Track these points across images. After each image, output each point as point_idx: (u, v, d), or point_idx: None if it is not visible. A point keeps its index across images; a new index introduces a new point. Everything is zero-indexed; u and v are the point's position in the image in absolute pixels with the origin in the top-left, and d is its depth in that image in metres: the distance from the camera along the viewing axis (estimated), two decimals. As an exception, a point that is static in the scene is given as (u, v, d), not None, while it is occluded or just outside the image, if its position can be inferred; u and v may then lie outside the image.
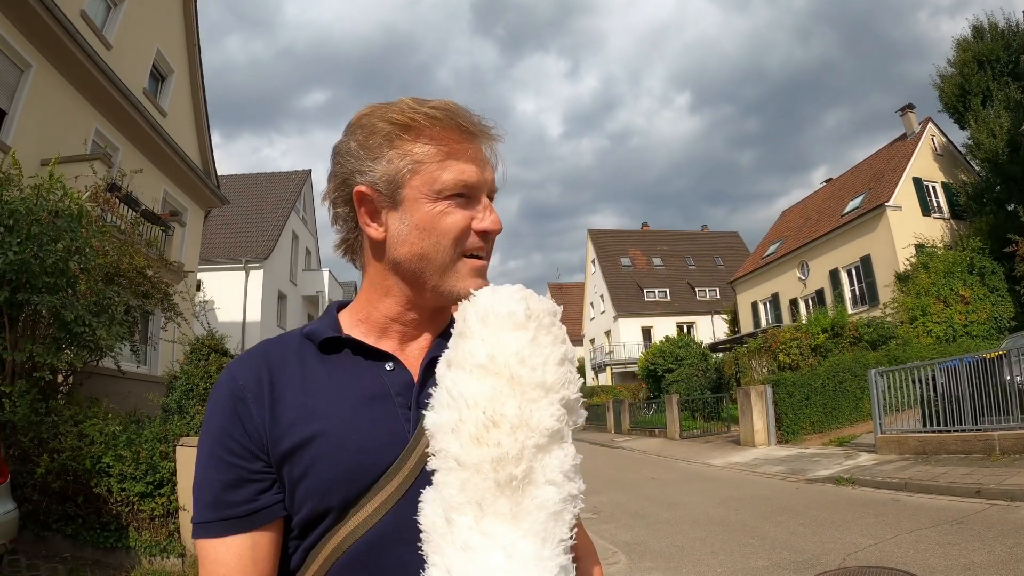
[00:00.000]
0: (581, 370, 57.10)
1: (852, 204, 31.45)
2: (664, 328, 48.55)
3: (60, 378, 9.09)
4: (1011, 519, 7.14)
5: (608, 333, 52.90)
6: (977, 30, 28.50)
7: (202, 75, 19.80)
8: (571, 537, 0.90)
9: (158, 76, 17.76)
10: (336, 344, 1.10)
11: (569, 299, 67.72)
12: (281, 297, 29.70)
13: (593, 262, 57.16)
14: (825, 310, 27.17)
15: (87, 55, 13.10)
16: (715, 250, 61.11)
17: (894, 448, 12.62)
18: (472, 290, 1.05)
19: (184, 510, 7.17)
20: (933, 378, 12.12)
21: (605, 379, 50.42)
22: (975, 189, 27.80)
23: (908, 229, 27.59)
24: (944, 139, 31.94)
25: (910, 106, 32.32)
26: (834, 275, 31.22)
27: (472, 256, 1.09)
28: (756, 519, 8.98)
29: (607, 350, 52.35)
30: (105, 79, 13.89)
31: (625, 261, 56.15)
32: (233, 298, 25.08)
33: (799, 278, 33.72)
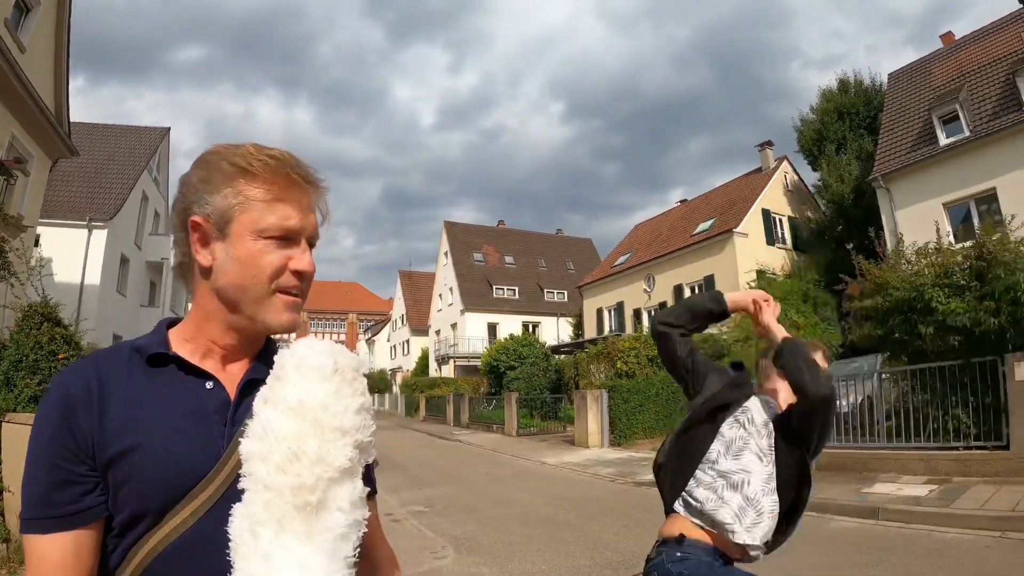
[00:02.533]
0: (425, 361, 57.14)
1: (702, 226, 32.86)
2: (510, 326, 48.98)
3: None
4: (824, 529, 7.63)
5: (454, 326, 52.80)
6: (843, 83, 30.86)
7: (70, 13, 17.88)
8: (355, 555, 1.08)
9: (23, 6, 15.78)
10: (163, 359, 1.19)
11: (419, 288, 67.34)
12: (124, 261, 27.62)
13: (446, 254, 56.76)
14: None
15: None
16: (567, 254, 62.19)
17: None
18: (284, 323, 1.21)
19: (9, 491, 6.61)
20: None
21: (448, 371, 50.28)
22: (819, 226, 30.00)
23: (752, 255, 29.15)
24: (796, 177, 34.13)
25: (769, 143, 34.32)
26: (678, 290, 32.44)
27: (286, 292, 1.21)
28: (583, 519, 9.21)
29: (452, 343, 52.26)
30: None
31: (478, 256, 56.21)
32: (72, 258, 23.15)
33: (645, 290, 34.83)
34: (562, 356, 31.37)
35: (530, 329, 49.46)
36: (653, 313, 33.36)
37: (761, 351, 2.85)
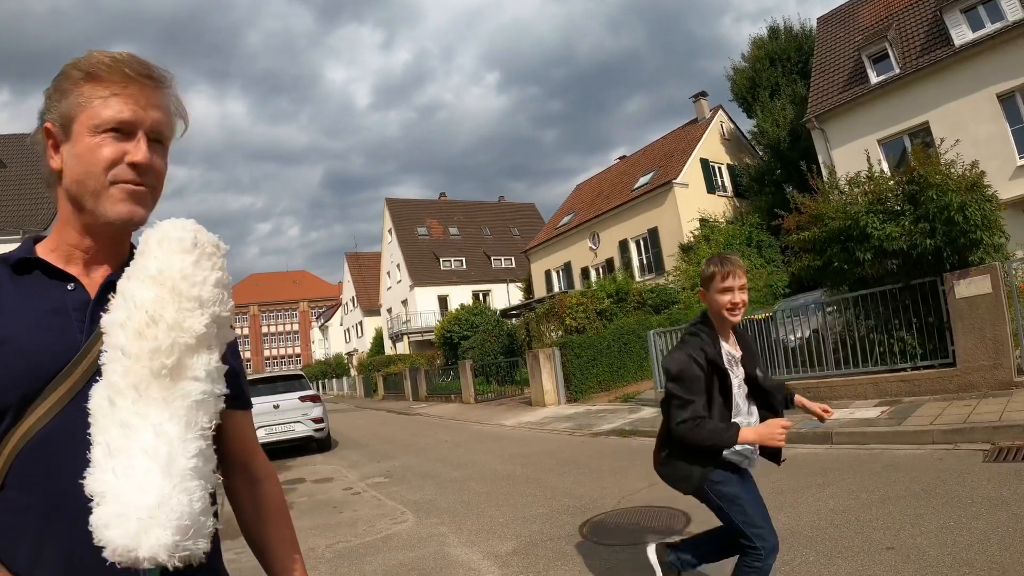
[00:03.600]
0: (379, 340, 56.92)
1: (643, 180, 33.07)
2: (460, 296, 48.86)
3: None
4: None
5: (405, 302, 52.56)
6: (773, 31, 31.16)
7: None
8: (210, 428, 1.13)
9: None
10: (28, 266, 1.25)
11: (367, 269, 66.99)
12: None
13: (390, 231, 56.25)
14: (614, 277, 28.29)
15: None
16: (512, 221, 62.06)
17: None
18: (122, 214, 1.23)
19: None
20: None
21: (403, 348, 50.14)
22: (757, 171, 30.25)
23: (693, 204, 29.47)
24: (732, 126, 34.50)
25: (703, 94, 34.59)
26: (623, 245, 32.67)
27: (124, 183, 1.23)
28: (540, 472, 9.18)
29: (404, 319, 52.04)
30: None
31: (422, 230, 55.83)
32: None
33: (590, 248, 34.97)
34: (513, 320, 31.35)
35: (480, 298, 49.45)
36: (601, 270, 33.64)
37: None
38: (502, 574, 5.14)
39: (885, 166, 17.76)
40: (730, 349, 3.27)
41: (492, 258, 55.33)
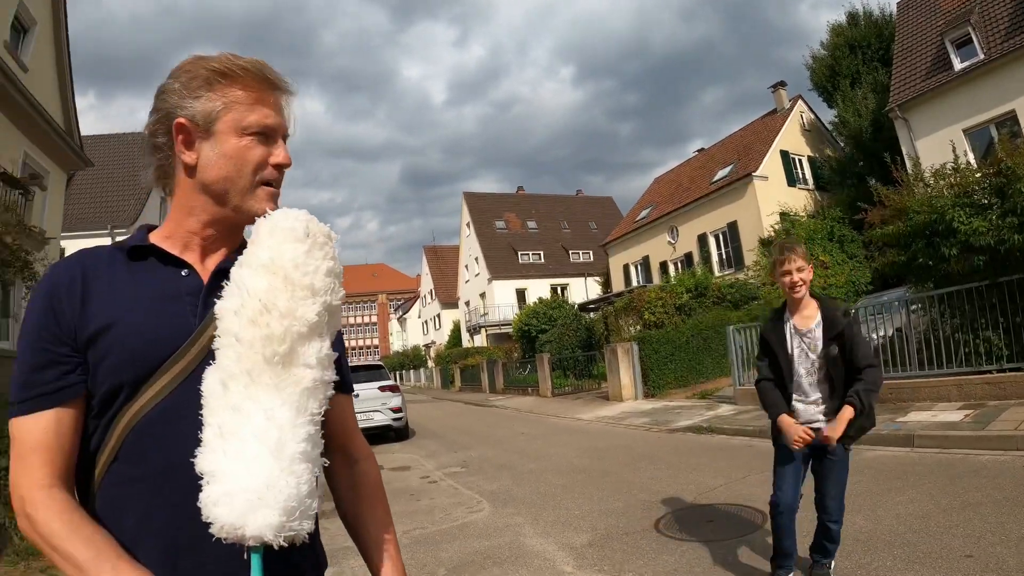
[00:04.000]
0: (457, 333, 57.34)
1: (721, 173, 32.45)
2: (538, 290, 48.94)
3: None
4: (858, 459, 7.54)
5: (483, 295, 52.85)
6: (852, 17, 30.10)
7: (67, 29, 18.09)
8: (320, 414, 1.16)
9: (20, 27, 16.02)
10: (143, 253, 1.32)
11: (445, 262, 67.54)
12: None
13: (468, 225, 56.60)
14: (693, 271, 27.98)
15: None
16: (589, 214, 61.70)
17: (752, 399, 13.17)
18: (267, 211, 1.28)
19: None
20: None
21: (480, 341, 50.41)
22: (839, 163, 29.31)
23: (773, 198, 28.77)
24: (812, 116, 33.37)
25: (782, 83, 33.54)
26: (702, 239, 32.20)
27: (268, 184, 1.34)
28: (616, 466, 9.21)
29: (482, 312, 52.31)
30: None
31: (500, 224, 55.99)
32: (99, 265, 23.58)
33: (669, 242, 34.58)
34: (591, 314, 31.29)
35: (558, 291, 49.44)
36: (679, 264, 33.33)
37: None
38: (577, 566, 5.20)
39: (971, 157, 16.95)
40: (796, 323, 3.85)
41: (570, 252, 55.17)
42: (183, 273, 1.31)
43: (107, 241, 24.23)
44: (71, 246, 21.72)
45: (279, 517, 1.06)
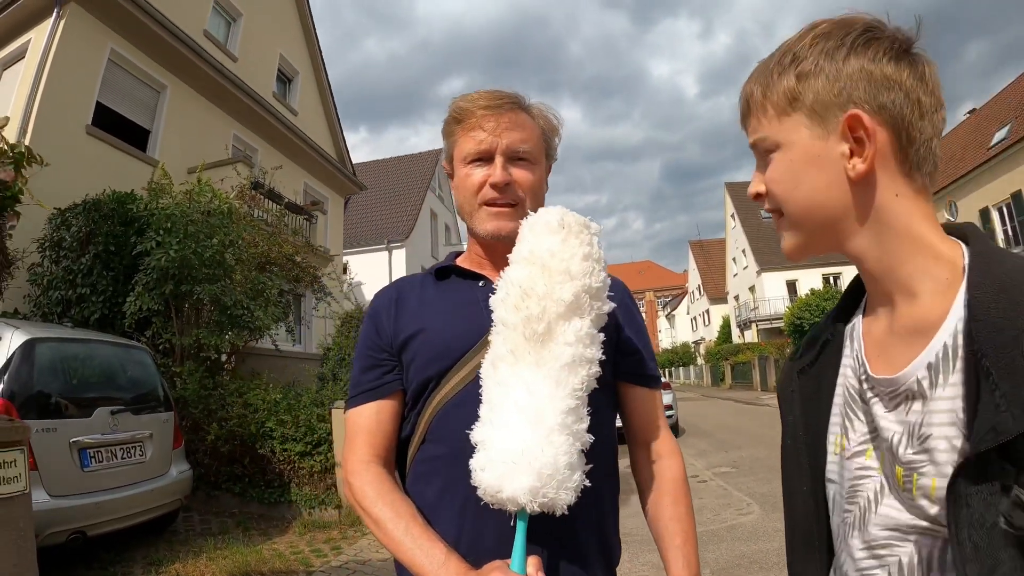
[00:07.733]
0: (726, 328, 55.96)
1: (999, 135, 27.29)
2: (809, 281, 46.46)
3: (224, 357, 10.03)
4: None
5: (752, 289, 51.01)
6: None
7: (326, 72, 20.78)
8: (582, 389, 1.25)
9: (284, 79, 18.92)
10: (446, 272, 1.59)
11: (712, 256, 66.03)
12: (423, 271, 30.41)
13: (733, 216, 54.82)
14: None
15: (215, 69, 14.18)
16: (863, 196, 57.78)
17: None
18: (489, 230, 1.49)
19: (340, 466, 7.70)
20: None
21: (751, 336, 48.79)
22: None
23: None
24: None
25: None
26: (984, 214, 27.62)
27: (491, 204, 1.49)
28: (892, 468, 8.84)
29: (752, 306, 50.52)
30: (236, 88, 14.97)
31: (767, 213, 53.90)
32: (379, 276, 25.86)
33: (948, 219, 31.15)
34: (869, 305, 29.40)
35: (831, 281, 46.85)
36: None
37: None
38: None
39: None
40: None
41: (844, 238, 52.02)
42: (479, 284, 1.52)
43: (384, 255, 27.20)
44: (353, 261, 24.73)
45: (532, 481, 1.16)
